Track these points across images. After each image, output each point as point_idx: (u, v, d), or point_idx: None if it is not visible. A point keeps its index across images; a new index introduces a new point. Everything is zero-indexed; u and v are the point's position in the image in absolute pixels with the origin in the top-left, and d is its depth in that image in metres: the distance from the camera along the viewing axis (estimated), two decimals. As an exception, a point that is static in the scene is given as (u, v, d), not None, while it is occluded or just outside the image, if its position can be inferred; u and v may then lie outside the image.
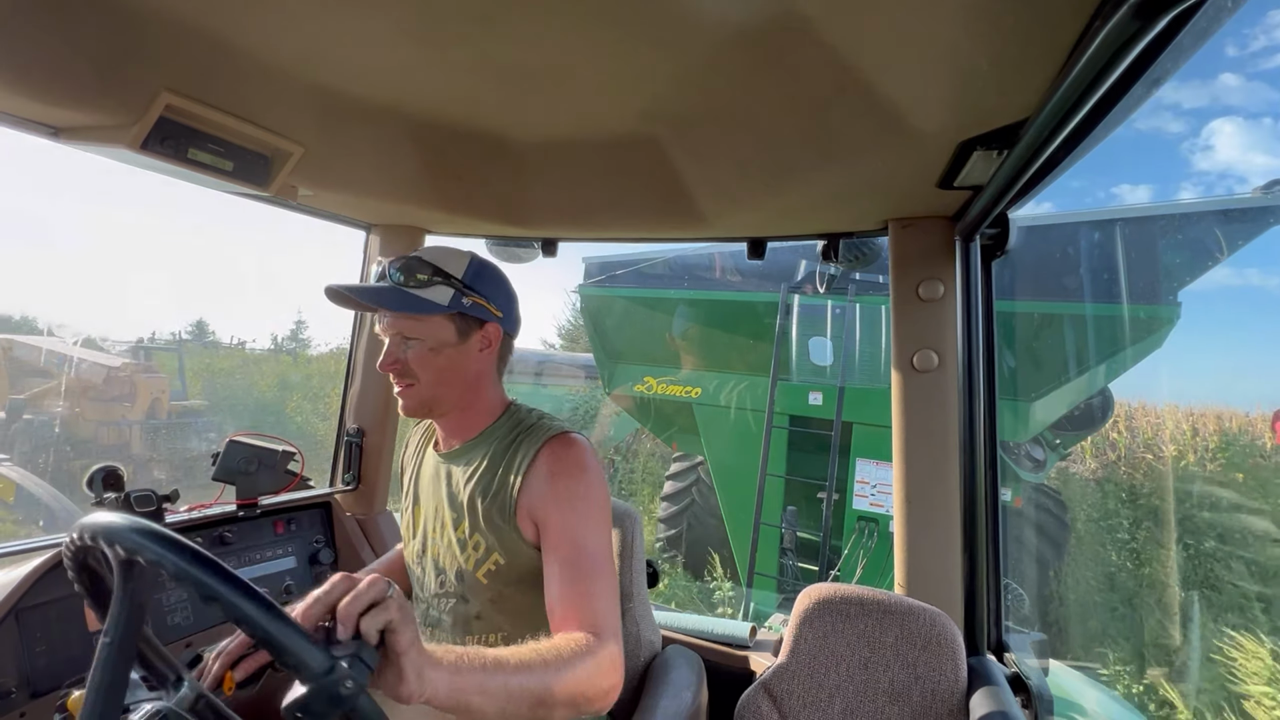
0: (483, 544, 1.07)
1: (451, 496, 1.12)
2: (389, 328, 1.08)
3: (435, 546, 1.14)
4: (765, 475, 5.34)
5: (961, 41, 0.76)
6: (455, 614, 1.11)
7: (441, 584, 1.13)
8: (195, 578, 0.56)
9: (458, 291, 1.06)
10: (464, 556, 1.09)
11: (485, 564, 1.07)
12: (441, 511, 1.13)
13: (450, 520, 1.11)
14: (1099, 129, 0.83)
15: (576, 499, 1.00)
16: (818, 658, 1.28)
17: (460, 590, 1.11)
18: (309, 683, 0.56)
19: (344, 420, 2.01)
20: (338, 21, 0.87)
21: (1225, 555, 6.69)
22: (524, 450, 1.05)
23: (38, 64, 0.95)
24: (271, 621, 0.56)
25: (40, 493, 5.97)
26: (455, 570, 1.11)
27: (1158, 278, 4.52)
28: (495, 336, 1.13)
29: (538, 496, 1.01)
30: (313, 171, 1.38)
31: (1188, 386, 16.07)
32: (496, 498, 1.05)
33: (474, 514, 1.07)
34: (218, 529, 1.56)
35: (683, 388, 6.43)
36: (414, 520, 1.21)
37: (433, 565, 1.15)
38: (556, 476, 1.01)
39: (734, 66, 0.91)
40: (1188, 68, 0.65)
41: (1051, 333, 4.76)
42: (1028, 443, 5.17)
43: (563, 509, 1.00)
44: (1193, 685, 4.94)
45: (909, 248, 1.46)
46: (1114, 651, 5.54)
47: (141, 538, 0.58)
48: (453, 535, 1.10)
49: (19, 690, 1.12)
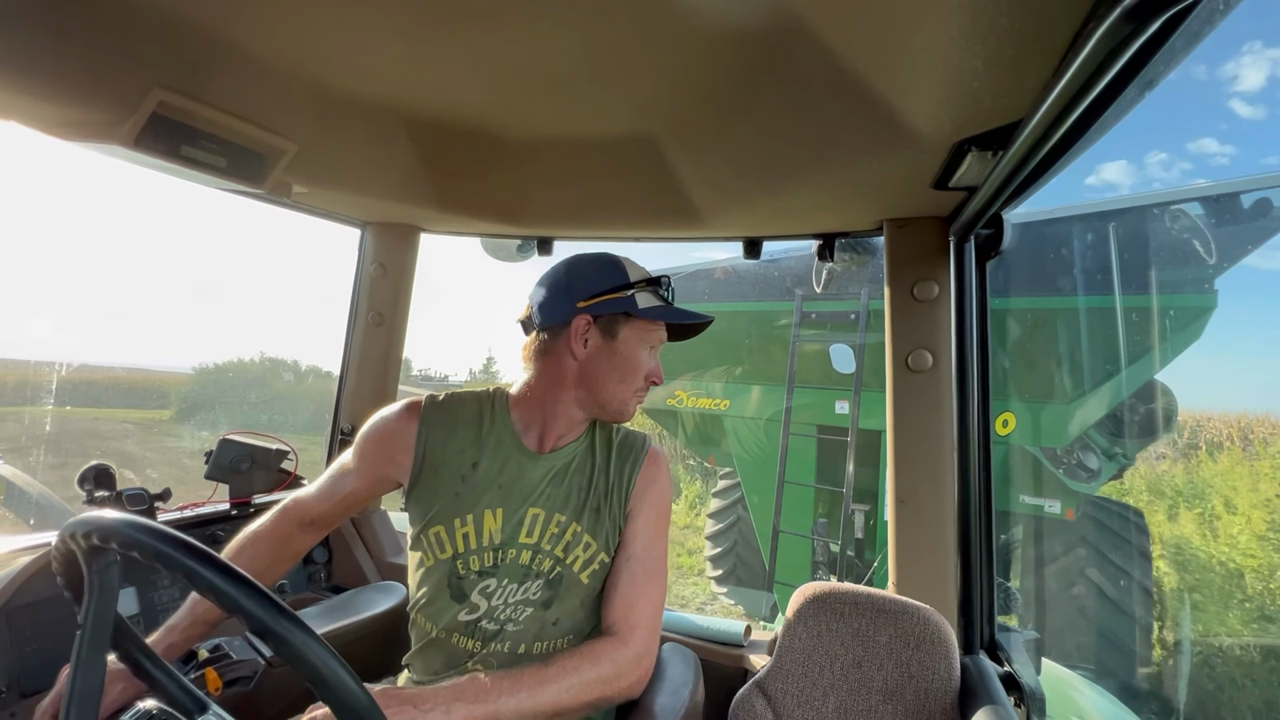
0: (594, 544, 1.08)
1: (561, 499, 1.09)
2: (660, 341, 1.15)
3: (525, 553, 1.07)
4: (783, 483, 5.30)
5: (956, 42, 0.76)
6: (528, 622, 1.06)
7: (525, 591, 1.06)
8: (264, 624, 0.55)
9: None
10: (570, 557, 1.07)
11: (592, 564, 1.08)
12: (543, 515, 1.08)
13: (558, 523, 1.08)
14: (1092, 130, 0.83)
15: (662, 507, 1.13)
16: (811, 656, 1.29)
17: (548, 596, 1.06)
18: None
19: (338, 419, 2.00)
20: (332, 18, 0.86)
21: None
22: (631, 455, 1.14)
23: (31, 61, 0.94)
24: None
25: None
26: (553, 573, 1.06)
27: (1192, 264, 4.12)
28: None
29: (640, 497, 1.11)
30: (307, 169, 1.38)
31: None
32: (614, 496, 1.11)
33: (593, 515, 1.09)
34: (210, 527, 1.55)
35: (712, 400, 6.40)
36: (479, 528, 1.06)
37: (515, 572, 1.06)
38: (653, 483, 1.12)
39: (730, 66, 0.91)
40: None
41: (1085, 329, 4.45)
42: (1078, 449, 4.67)
43: (649, 513, 1.11)
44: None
45: (904, 248, 1.46)
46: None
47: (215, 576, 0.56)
48: (560, 538, 1.07)
49: (8, 690, 1.11)
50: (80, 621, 0.61)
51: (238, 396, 14.29)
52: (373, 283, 1.95)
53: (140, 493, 1.40)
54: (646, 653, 1.01)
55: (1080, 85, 0.68)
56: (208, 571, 0.55)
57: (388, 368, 1.98)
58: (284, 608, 0.55)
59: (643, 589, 1.05)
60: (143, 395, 14.56)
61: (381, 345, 1.96)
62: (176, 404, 14.25)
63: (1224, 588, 5.44)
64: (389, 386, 1.99)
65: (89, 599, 0.61)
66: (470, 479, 1.08)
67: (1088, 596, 4.52)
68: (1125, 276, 4.31)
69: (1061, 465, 4.67)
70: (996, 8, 0.68)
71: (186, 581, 0.55)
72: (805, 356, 5.40)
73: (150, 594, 1.40)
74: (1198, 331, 4.26)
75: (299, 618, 0.55)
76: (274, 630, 0.54)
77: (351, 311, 1.99)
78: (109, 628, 0.63)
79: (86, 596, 0.62)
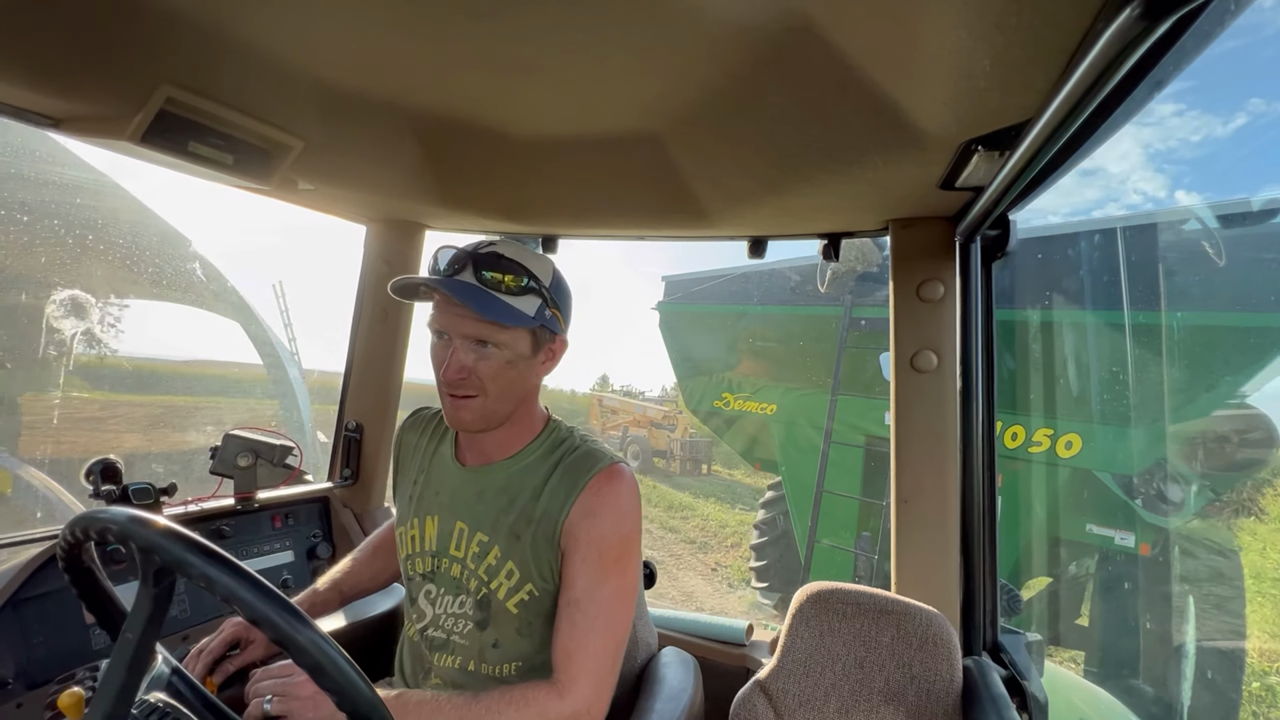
0: (517, 573, 1.00)
1: (484, 518, 1.03)
2: (464, 330, 0.96)
3: (454, 566, 1.05)
4: (821, 493, 5.20)
5: (964, 42, 0.75)
6: (470, 638, 1.04)
7: (461, 604, 1.05)
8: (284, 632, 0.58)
9: (544, 302, 1.00)
10: (494, 584, 1.02)
11: (518, 593, 1.01)
12: (467, 531, 1.04)
13: (480, 542, 1.03)
14: (1101, 130, 0.82)
15: (604, 544, 0.97)
16: (813, 657, 1.29)
17: (481, 616, 1.03)
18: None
19: (343, 415, 2.01)
20: (339, 15, 0.87)
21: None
22: (571, 479, 1.00)
23: (39, 56, 0.94)
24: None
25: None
26: (480, 595, 1.03)
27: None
28: (560, 351, 1.07)
29: (574, 531, 0.98)
30: (313, 166, 1.38)
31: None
32: (541, 527, 0.99)
33: (513, 540, 1.00)
34: (215, 522, 1.56)
35: (759, 404, 6.23)
36: (422, 533, 1.09)
37: (449, 583, 1.06)
38: (591, 516, 0.97)
39: (737, 65, 0.91)
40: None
41: (1174, 345, 3.93)
42: (1159, 478, 4.17)
43: (586, 551, 0.96)
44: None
45: (910, 248, 1.46)
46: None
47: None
48: (482, 559, 1.02)
49: (15, 681, 1.12)
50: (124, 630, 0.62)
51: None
52: (378, 280, 1.95)
53: (146, 487, 1.41)
54: (586, 709, 0.91)
55: (1089, 85, 0.67)
56: (219, 572, 0.57)
57: (392, 366, 1.98)
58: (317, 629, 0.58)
59: (582, 639, 0.93)
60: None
61: (386, 343, 1.97)
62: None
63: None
64: (393, 385, 1.99)
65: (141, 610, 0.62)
66: (419, 484, 1.13)
67: (1168, 647, 3.98)
68: (1219, 293, 3.82)
69: (1139, 495, 4.17)
70: (1005, 7, 0.68)
71: (205, 587, 0.57)
72: (855, 364, 5.19)
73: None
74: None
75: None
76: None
77: (357, 309, 2.00)
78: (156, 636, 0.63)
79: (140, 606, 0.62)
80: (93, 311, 6.90)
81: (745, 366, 6.44)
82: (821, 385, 5.63)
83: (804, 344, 5.89)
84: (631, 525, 1.00)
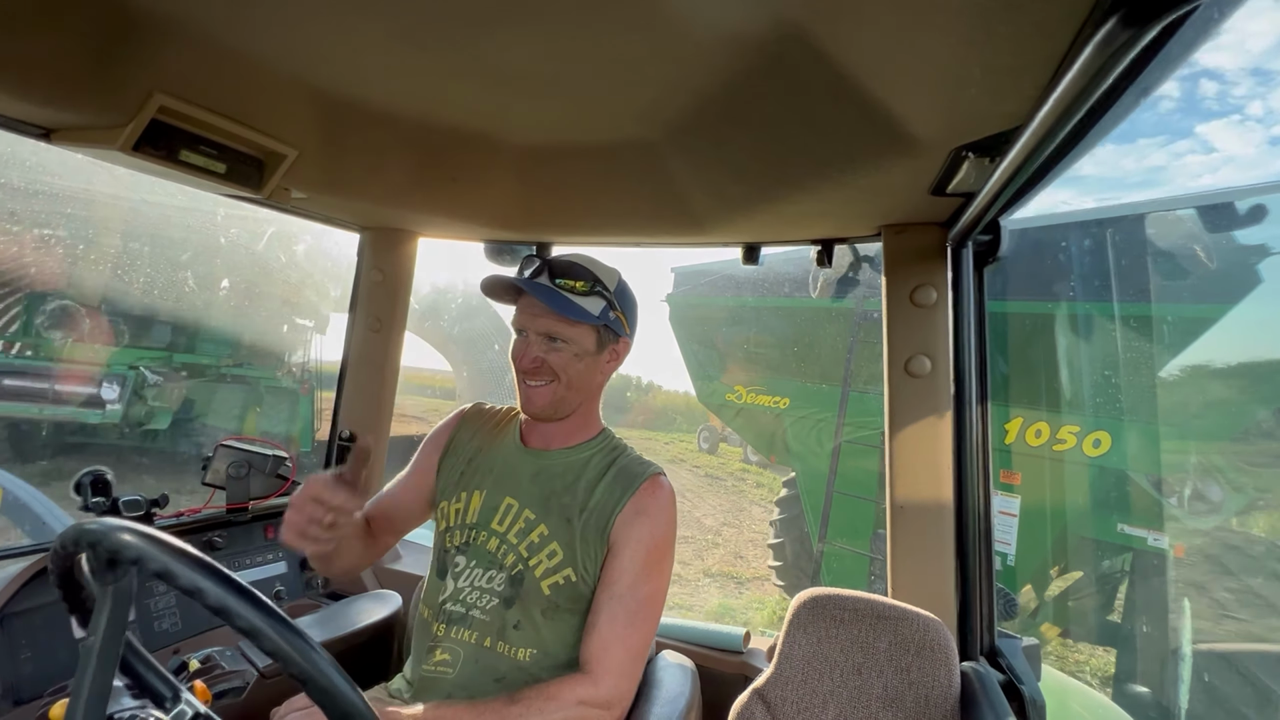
0: (560, 554, 1.06)
1: (535, 497, 1.11)
2: (539, 326, 1.10)
3: (492, 539, 1.10)
4: (831, 494, 5.09)
5: (954, 49, 0.76)
6: (492, 615, 1.07)
7: (490, 579, 1.09)
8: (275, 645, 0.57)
9: (608, 304, 1.12)
10: (533, 561, 1.07)
11: (556, 575, 1.06)
12: (515, 507, 1.11)
13: (526, 519, 1.09)
14: (1090, 136, 0.83)
15: (652, 544, 1.06)
16: (811, 663, 1.28)
17: (510, 593, 1.07)
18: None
19: (336, 424, 1.99)
20: (332, 24, 0.87)
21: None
22: (626, 479, 1.10)
23: (29, 65, 0.94)
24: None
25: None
26: (515, 571, 1.07)
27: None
28: (624, 353, 1.19)
29: (624, 528, 1.06)
30: (306, 174, 1.37)
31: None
32: (595, 515, 1.07)
33: (563, 523, 1.07)
34: (207, 533, 1.54)
35: (771, 398, 6.16)
36: (466, 505, 1.15)
37: (483, 556, 1.10)
38: (644, 516, 1.07)
39: (730, 72, 0.91)
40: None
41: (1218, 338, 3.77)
42: (1195, 477, 4.10)
43: (635, 549, 1.05)
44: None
45: (902, 253, 1.47)
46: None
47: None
48: (525, 535, 1.08)
49: (2, 697, 1.10)
50: (88, 632, 0.61)
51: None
52: (372, 288, 1.95)
53: (137, 499, 1.39)
54: (618, 699, 1.00)
55: (1077, 92, 0.68)
56: (216, 587, 0.56)
57: (386, 374, 1.97)
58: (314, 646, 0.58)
59: (622, 632, 1.01)
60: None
61: (380, 351, 1.96)
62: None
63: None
64: (387, 393, 1.98)
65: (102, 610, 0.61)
66: (474, 462, 1.19)
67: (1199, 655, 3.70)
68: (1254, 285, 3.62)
69: (1174, 494, 4.06)
70: (994, 15, 0.69)
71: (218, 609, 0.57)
72: (868, 359, 4.99)
73: (146, 600, 1.39)
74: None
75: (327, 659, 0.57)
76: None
77: (351, 318, 1.99)
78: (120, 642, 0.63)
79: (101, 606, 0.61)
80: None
81: (757, 359, 6.35)
82: (834, 380, 5.47)
83: (817, 337, 5.80)
84: (672, 532, 1.10)
